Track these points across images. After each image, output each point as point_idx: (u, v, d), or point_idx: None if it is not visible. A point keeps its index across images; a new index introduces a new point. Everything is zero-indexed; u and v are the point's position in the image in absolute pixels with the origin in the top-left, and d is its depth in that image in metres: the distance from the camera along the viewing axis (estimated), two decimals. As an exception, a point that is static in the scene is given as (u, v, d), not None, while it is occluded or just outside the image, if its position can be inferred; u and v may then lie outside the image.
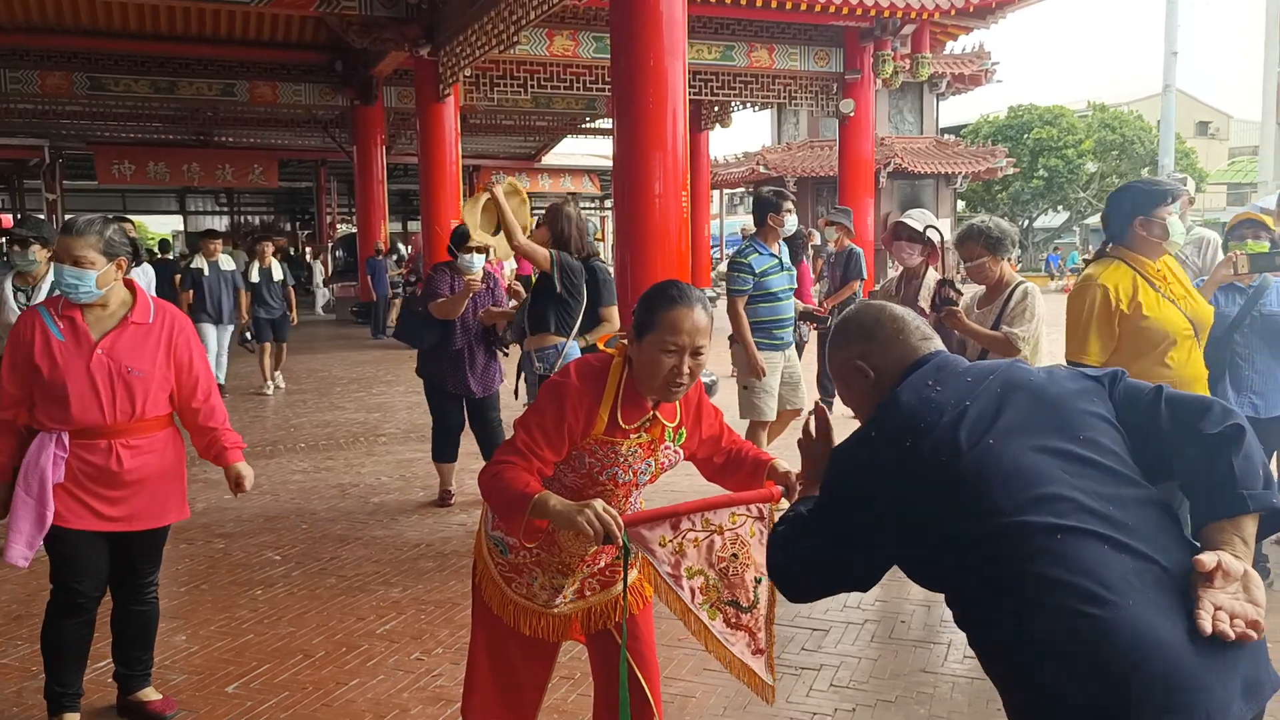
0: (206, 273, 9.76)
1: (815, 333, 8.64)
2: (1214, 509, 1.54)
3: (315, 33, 14.93)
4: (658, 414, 2.27)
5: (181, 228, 37.77)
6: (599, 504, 2.03)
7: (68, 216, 10.53)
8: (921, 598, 4.26)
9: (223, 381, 9.92)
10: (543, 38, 13.42)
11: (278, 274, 10.54)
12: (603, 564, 2.41)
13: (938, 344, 1.83)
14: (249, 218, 35.05)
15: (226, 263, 9.96)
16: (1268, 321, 4.25)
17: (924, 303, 4.57)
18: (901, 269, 4.99)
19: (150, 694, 3.30)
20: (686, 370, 2.14)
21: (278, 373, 10.70)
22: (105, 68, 15.54)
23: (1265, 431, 4.02)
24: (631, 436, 2.25)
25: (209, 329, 9.67)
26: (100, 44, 14.96)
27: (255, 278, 10.34)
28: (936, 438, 1.60)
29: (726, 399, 9.04)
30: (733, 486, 2.42)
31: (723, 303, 5.72)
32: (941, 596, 1.67)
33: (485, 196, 5.32)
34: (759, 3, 12.99)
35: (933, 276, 4.79)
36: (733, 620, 2.24)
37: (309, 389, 10.06)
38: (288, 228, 36.02)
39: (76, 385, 2.92)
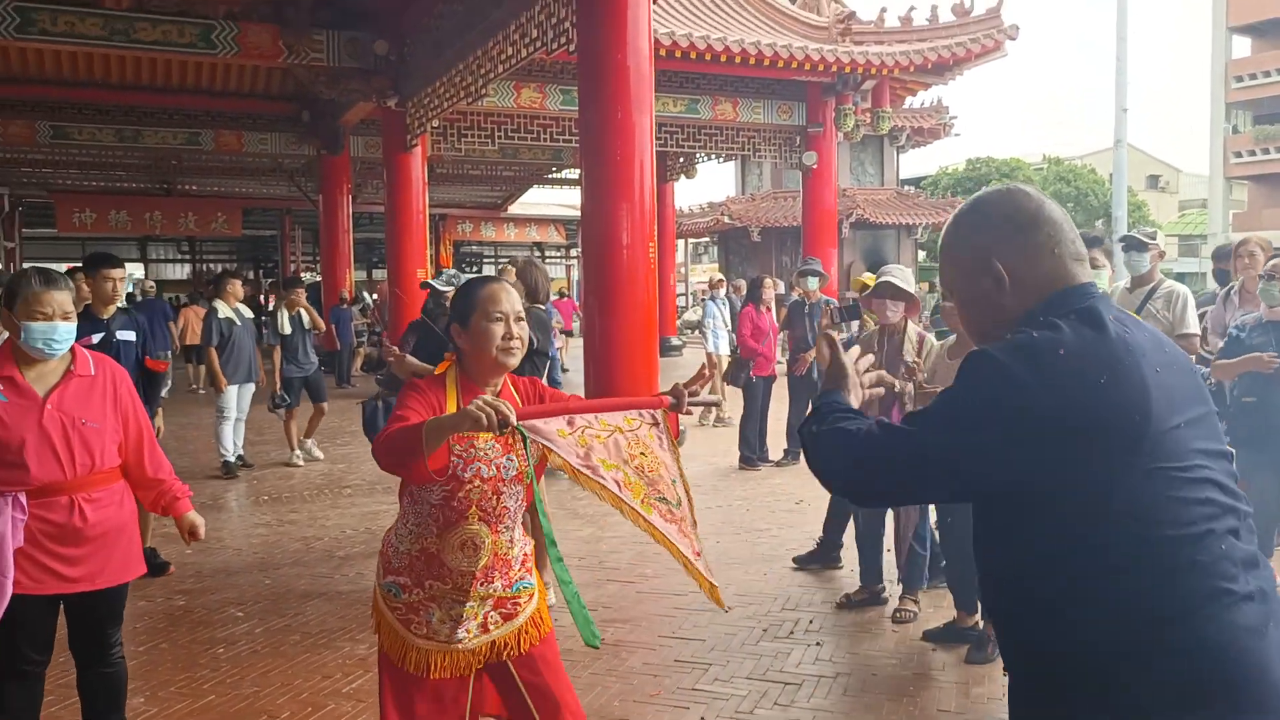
0: (237, 323, 8.34)
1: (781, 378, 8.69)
2: None
3: (282, 83, 14.97)
4: None
5: (142, 275, 37.41)
6: (488, 393, 2.12)
7: (26, 265, 9.94)
8: (892, 649, 4.25)
9: (242, 453, 8.72)
10: (510, 89, 13.57)
11: (307, 323, 9.04)
12: (497, 583, 2.41)
13: (1089, 271, 1.53)
14: (211, 266, 34.81)
15: (246, 311, 8.66)
16: None
17: (908, 355, 4.63)
18: (881, 324, 5.01)
19: (116, 758, 3.20)
20: (516, 335, 2.37)
21: (309, 440, 9.18)
22: (69, 116, 15.49)
23: None
24: None
25: (232, 392, 8.29)
26: (64, 93, 14.90)
27: (287, 328, 8.84)
28: (1132, 388, 1.33)
29: (693, 449, 9.05)
30: None
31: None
32: (914, 648, 1.63)
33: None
34: (724, 59, 13.26)
35: (914, 330, 4.86)
36: (667, 516, 2.28)
37: (271, 439, 9.83)
38: (251, 275, 35.78)
39: (32, 443, 2.86)
